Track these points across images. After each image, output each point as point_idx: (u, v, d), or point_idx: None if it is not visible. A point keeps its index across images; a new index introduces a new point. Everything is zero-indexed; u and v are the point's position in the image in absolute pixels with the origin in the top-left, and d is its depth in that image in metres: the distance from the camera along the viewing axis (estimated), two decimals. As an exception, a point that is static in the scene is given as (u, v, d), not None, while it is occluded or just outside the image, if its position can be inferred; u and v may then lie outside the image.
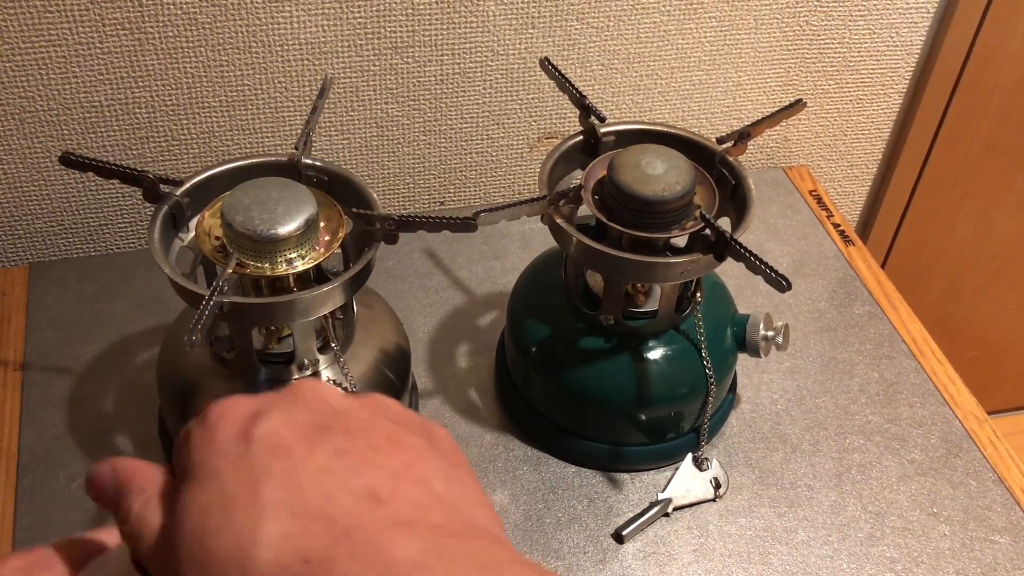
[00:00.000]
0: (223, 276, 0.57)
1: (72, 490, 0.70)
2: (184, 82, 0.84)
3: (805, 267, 0.93)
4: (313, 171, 0.66)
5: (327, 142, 0.92)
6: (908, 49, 1.02)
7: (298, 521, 0.28)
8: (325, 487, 0.29)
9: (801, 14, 0.96)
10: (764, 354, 0.72)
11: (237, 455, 0.30)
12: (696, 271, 0.64)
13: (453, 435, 0.80)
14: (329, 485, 0.29)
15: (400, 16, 0.85)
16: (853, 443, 0.77)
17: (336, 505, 0.29)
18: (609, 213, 0.64)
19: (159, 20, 0.80)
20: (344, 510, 0.29)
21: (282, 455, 0.30)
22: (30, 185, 0.87)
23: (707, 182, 0.67)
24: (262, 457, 0.30)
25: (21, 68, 0.80)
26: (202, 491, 0.30)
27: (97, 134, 0.85)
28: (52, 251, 0.92)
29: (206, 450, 0.31)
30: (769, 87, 1.01)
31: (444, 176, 0.99)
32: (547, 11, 0.89)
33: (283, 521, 0.28)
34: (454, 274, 0.89)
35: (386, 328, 0.72)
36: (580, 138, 0.70)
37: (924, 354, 0.85)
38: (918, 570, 0.69)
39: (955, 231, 1.25)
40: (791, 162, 1.09)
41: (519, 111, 0.95)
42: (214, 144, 0.89)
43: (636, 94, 0.98)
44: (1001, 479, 0.75)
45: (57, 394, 0.76)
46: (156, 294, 0.84)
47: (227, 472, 0.30)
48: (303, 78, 0.87)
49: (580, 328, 0.70)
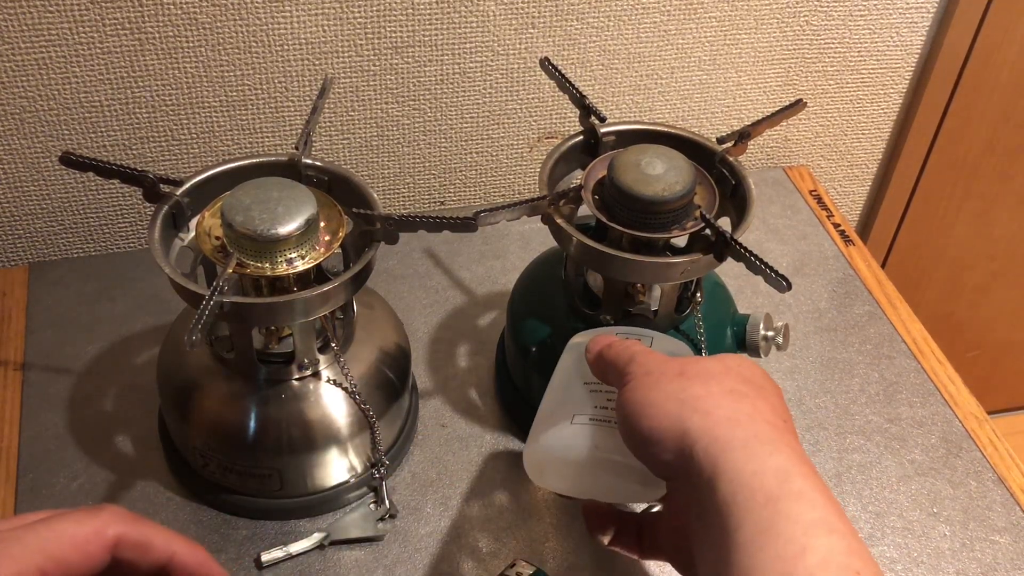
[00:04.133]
0: (223, 276, 0.57)
1: (72, 490, 0.70)
2: (184, 82, 0.84)
3: (805, 267, 0.93)
4: (313, 171, 0.66)
5: (327, 142, 0.92)
6: (908, 49, 1.02)
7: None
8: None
9: (801, 14, 0.96)
10: (764, 354, 0.72)
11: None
12: (696, 271, 0.64)
13: (453, 435, 0.81)
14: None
15: (400, 16, 0.85)
16: (853, 443, 0.77)
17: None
18: (609, 213, 0.64)
19: (159, 20, 0.80)
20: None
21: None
22: (30, 185, 0.87)
23: (707, 182, 0.67)
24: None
25: (21, 68, 0.80)
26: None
27: (97, 134, 0.85)
28: (52, 251, 0.92)
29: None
30: (769, 87, 1.01)
31: (444, 176, 0.99)
32: (547, 11, 0.89)
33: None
34: (454, 274, 0.89)
35: (386, 328, 0.72)
36: (580, 138, 0.70)
37: (924, 354, 0.85)
38: (918, 570, 0.69)
39: (955, 231, 1.25)
40: (791, 162, 1.09)
41: (519, 111, 0.95)
42: (214, 144, 0.89)
43: (636, 94, 0.98)
44: (1001, 479, 0.75)
45: (57, 394, 0.76)
46: (156, 294, 0.84)
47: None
48: (303, 78, 0.87)
49: (580, 328, 0.70)
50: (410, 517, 0.69)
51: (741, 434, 0.43)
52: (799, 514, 0.39)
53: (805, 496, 0.40)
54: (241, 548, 0.67)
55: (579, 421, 0.55)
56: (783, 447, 0.43)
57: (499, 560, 0.67)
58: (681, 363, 0.48)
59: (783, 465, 0.41)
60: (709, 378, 0.47)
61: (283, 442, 0.65)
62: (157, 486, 0.70)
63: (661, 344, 0.59)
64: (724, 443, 0.42)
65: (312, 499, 0.69)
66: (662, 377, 0.47)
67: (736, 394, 0.46)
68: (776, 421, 0.45)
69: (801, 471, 0.41)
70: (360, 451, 0.69)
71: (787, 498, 0.40)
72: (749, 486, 0.41)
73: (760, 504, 0.40)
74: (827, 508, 0.40)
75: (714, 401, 0.45)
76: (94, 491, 0.70)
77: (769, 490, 0.40)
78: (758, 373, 0.49)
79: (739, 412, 0.44)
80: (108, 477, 0.71)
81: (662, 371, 0.48)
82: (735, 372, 0.48)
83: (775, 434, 0.43)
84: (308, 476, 0.68)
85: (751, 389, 0.47)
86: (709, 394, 0.45)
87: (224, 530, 0.68)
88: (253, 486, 0.67)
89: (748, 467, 0.41)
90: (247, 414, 0.65)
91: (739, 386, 0.47)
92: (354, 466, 0.69)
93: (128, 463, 0.72)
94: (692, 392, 0.46)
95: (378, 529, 0.68)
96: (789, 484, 0.40)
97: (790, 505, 0.40)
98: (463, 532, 0.69)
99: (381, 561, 0.67)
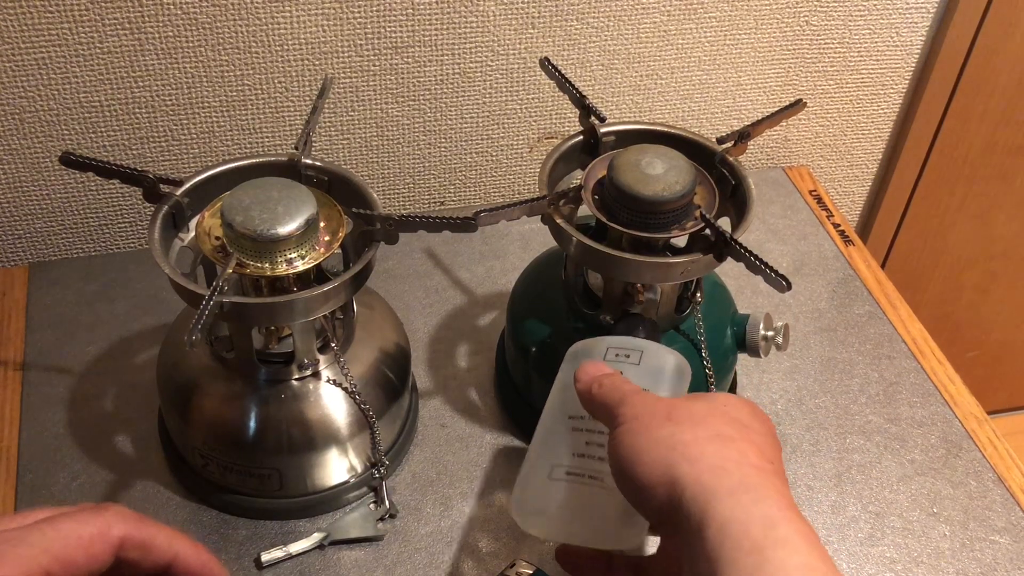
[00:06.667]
0: (223, 276, 0.57)
1: (72, 489, 0.70)
2: (184, 82, 0.84)
3: (805, 267, 0.93)
4: (313, 171, 0.66)
5: (327, 142, 0.92)
6: (908, 49, 1.02)
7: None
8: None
9: (801, 14, 0.96)
10: (764, 354, 0.72)
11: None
12: (696, 271, 0.64)
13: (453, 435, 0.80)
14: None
15: (400, 16, 0.85)
16: (853, 443, 0.77)
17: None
18: (609, 213, 0.64)
19: (159, 20, 0.80)
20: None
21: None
22: (30, 185, 0.87)
23: (707, 182, 0.67)
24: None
25: (21, 68, 0.80)
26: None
27: (97, 134, 0.85)
28: (52, 251, 0.92)
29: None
30: (769, 87, 1.01)
31: (444, 176, 0.99)
32: (547, 11, 0.89)
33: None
34: (454, 274, 0.89)
35: (386, 328, 0.72)
36: (580, 138, 0.70)
37: (924, 354, 0.85)
38: (918, 570, 0.69)
39: (955, 231, 1.25)
40: (791, 162, 1.09)
41: (519, 111, 0.95)
42: (214, 144, 0.89)
43: (636, 94, 0.98)
44: (1001, 479, 0.75)
45: (57, 394, 0.76)
46: (156, 294, 0.84)
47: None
48: (303, 78, 0.87)
49: (580, 328, 0.70)
50: (410, 517, 0.69)
51: (727, 482, 0.44)
52: (783, 560, 0.41)
53: (790, 542, 0.42)
54: (241, 548, 0.67)
55: (557, 476, 0.55)
56: (769, 492, 0.44)
57: (499, 560, 0.67)
58: (669, 405, 0.49)
59: (768, 512, 0.43)
60: (696, 423, 0.47)
61: (283, 442, 0.65)
62: (157, 486, 0.70)
63: (652, 358, 0.59)
64: (711, 492, 0.43)
65: (312, 499, 0.69)
66: (651, 422, 0.48)
67: (722, 439, 0.47)
68: (763, 464, 0.46)
69: (786, 516, 0.43)
70: (360, 451, 0.69)
71: (772, 546, 0.41)
72: (735, 535, 0.42)
73: (746, 552, 0.41)
74: (811, 553, 0.42)
75: (700, 448, 0.46)
76: (94, 491, 0.70)
77: (755, 539, 0.42)
78: (745, 412, 0.50)
79: (726, 459, 0.45)
80: (108, 477, 0.71)
81: (651, 415, 0.48)
82: (722, 413, 0.49)
83: (761, 478, 0.45)
84: (308, 476, 0.68)
85: (738, 431, 0.48)
86: (696, 440, 0.46)
87: (224, 530, 0.68)
88: (253, 486, 0.67)
89: (734, 516, 0.42)
90: (247, 414, 0.65)
91: (726, 429, 0.47)
92: (354, 466, 0.69)
93: (128, 463, 0.72)
94: (680, 438, 0.46)
95: (378, 529, 0.68)
96: (774, 531, 0.42)
97: (775, 552, 0.41)
98: (463, 532, 0.69)
99: (381, 561, 0.67)
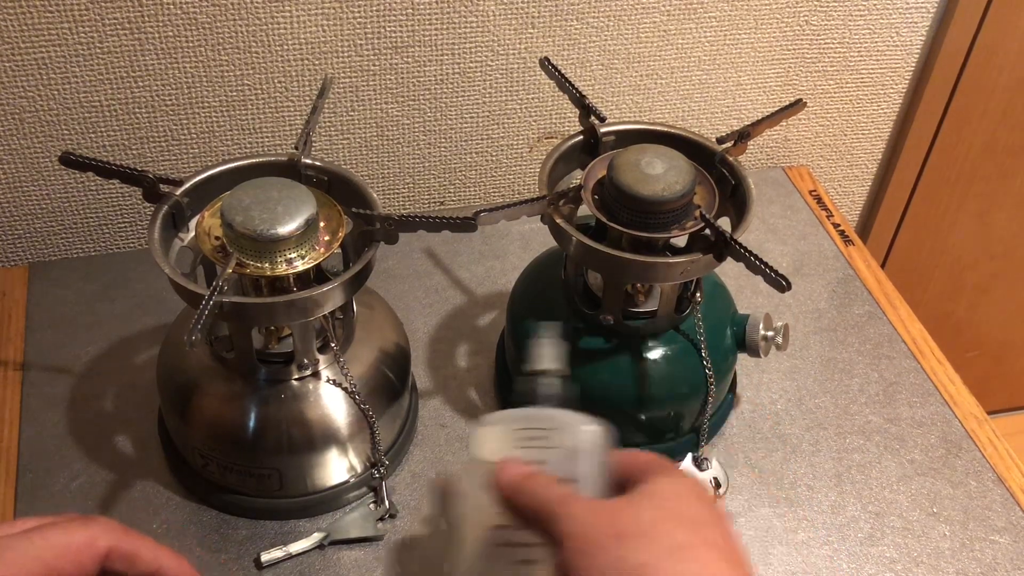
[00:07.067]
0: (223, 276, 0.57)
1: (72, 490, 0.70)
2: (184, 82, 0.84)
3: (805, 267, 0.93)
4: (313, 171, 0.66)
5: (327, 142, 0.92)
6: (908, 49, 1.02)
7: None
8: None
9: (801, 14, 0.96)
10: (764, 354, 0.72)
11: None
12: (696, 271, 0.64)
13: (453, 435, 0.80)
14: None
15: (400, 16, 0.85)
16: (853, 443, 0.77)
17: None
18: (609, 213, 0.64)
19: (159, 20, 0.80)
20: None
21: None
22: (30, 185, 0.87)
23: (707, 182, 0.67)
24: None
25: (21, 68, 0.80)
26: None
27: (97, 134, 0.85)
28: (52, 251, 0.92)
29: None
30: (769, 87, 1.01)
31: (444, 176, 0.99)
32: (547, 11, 0.89)
33: None
34: (454, 274, 0.89)
35: (386, 328, 0.72)
36: (580, 138, 0.70)
37: (924, 354, 0.85)
38: (918, 570, 0.69)
39: (955, 231, 1.25)
40: (791, 162, 1.09)
41: (519, 111, 0.95)
42: (214, 144, 0.89)
43: (636, 94, 0.98)
44: (1001, 479, 0.75)
45: (57, 394, 0.76)
46: (156, 294, 0.84)
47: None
48: (303, 78, 0.87)
49: (580, 328, 0.70)
50: (410, 517, 0.69)
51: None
52: None
53: None
54: (241, 548, 0.67)
55: None
56: None
57: (499, 560, 0.67)
58: (611, 516, 0.46)
59: None
60: (650, 538, 0.45)
61: (283, 442, 0.65)
62: (157, 486, 0.70)
63: (564, 437, 0.51)
64: None
65: (312, 499, 0.69)
66: (597, 541, 0.45)
67: (681, 552, 0.44)
68: (723, 569, 0.45)
69: None
70: (360, 451, 0.69)
71: None
72: None
73: None
74: None
75: (658, 568, 0.44)
76: (94, 491, 0.70)
77: None
78: (693, 504, 0.47)
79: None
80: (108, 477, 0.71)
81: (595, 530, 0.45)
82: (674, 516, 0.46)
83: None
84: (308, 476, 0.68)
85: (693, 533, 0.45)
86: (651, 559, 0.44)
87: (224, 530, 0.68)
88: (253, 486, 0.67)
89: None
90: (247, 414, 0.65)
91: (680, 535, 0.45)
92: (354, 466, 0.69)
93: (128, 463, 0.72)
94: (635, 559, 0.44)
95: (378, 529, 0.68)
96: None
97: None
98: (463, 532, 0.69)
99: (381, 561, 0.67)
